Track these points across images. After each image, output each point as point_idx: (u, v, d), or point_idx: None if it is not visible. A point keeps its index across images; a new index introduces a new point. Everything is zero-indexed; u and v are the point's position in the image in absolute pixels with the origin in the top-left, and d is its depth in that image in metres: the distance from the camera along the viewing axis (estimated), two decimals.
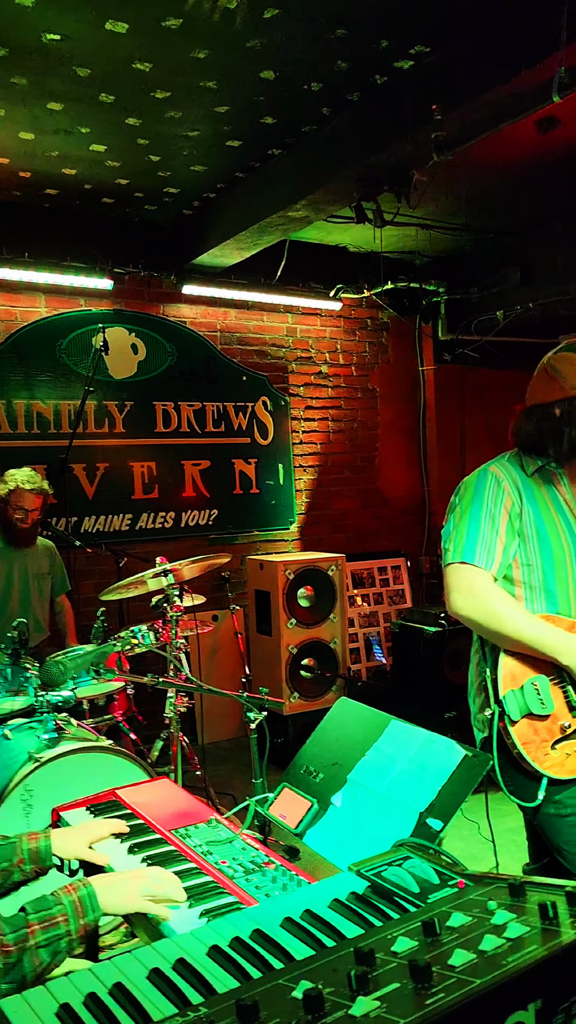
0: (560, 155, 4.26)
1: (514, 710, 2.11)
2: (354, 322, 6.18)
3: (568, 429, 2.20)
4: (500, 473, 2.26)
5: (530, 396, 2.32)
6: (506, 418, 2.38)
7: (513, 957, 0.91)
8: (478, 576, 2.16)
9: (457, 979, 0.87)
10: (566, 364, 2.22)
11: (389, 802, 1.84)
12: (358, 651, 5.88)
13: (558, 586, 2.22)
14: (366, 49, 3.17)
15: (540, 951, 0.91)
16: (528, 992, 0.87)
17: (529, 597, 2.23)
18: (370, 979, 0.89)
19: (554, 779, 2.10)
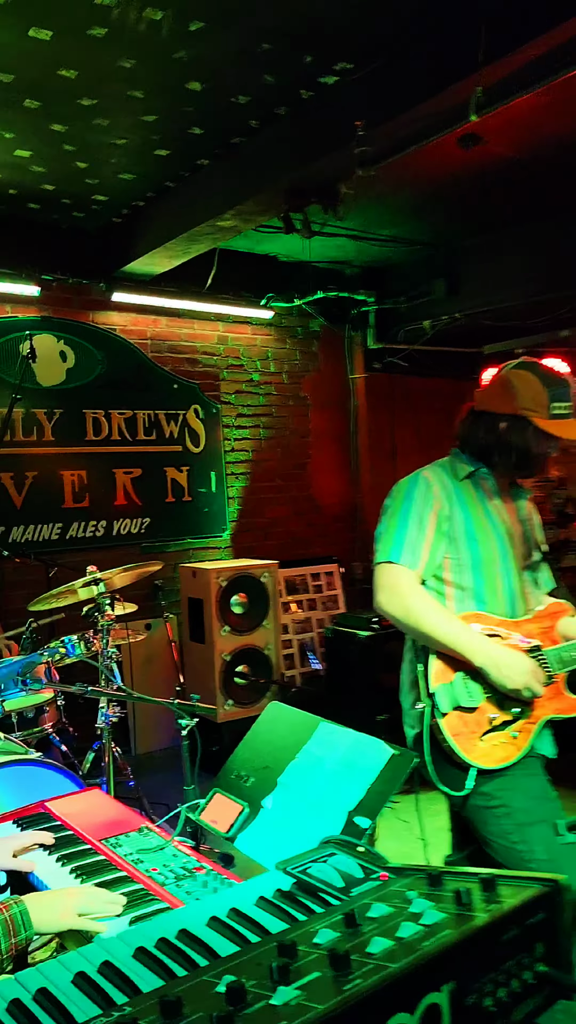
0: (483, 171, 4.39)
1: (444, 703, 2.19)
2: (285, 331, 6.24)
3: (514, 444, 2.30)
4: (431, 478, 2.35)
5: (482, 400, 2.41)
6: (435, 424, 2.46)
7: (428, 942, 0.95)
8: (403, 575, 2.26)
9: (375, 965, 0.90)
10: (523, 383, 2.31)
11: (318, 802, 1.88)
12: (292, 657, 5.92)
13: (486, 586, 2.32)
14: (291, 64, 3.22)
15: (453, 935, 0.95)
16: (442, 974, 0.91)
17: (459, 596, 2.32)
18: (291, 970, 0.92)
19: (482, 769, 2.18)
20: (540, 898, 1.06)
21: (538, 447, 2.30)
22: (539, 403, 2.26)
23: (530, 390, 2.28)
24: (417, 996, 0.89)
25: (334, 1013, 0.82)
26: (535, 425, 2.27)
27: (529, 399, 2.27)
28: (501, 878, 1.10)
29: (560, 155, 4.23)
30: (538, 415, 2.27)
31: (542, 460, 2.35)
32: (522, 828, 2.15)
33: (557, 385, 2.29)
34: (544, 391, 2.26)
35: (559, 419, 2.27)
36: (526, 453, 2.31)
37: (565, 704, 2.31)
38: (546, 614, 2.38)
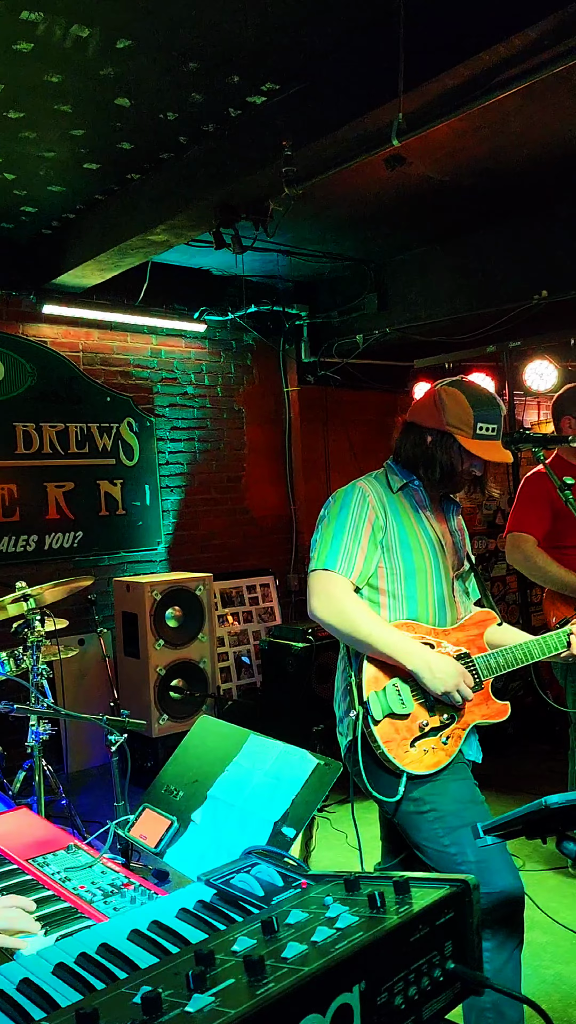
0: (409, 190, 4.51)
1: (377, 710, 2.24)
2: (219, 344, 6.27)
3: (438, 459, 2.37)
4: (367, 489, 2.41)
5: (412, 413, 2.48)
6: (367, 436, 2.52)
7: (340, 945, 0.98)
8: (337, 583, 2.31)
9: (288, 969, 0.93)
10: (452, 400, 2.38)
11: (246, 814, 1.90)
12: (228, 670, 5.93)
13: (418, 594, 2.39)
14: (219, 83, 3.27)
15: (365, 937, 0.99)
16: (353, 975, 0.95)
17: (392, 605, 2.38)
18: (207, 978, 0.94)
19: (413, 775, 2.22)
20: (450, 898, 1.10)
21: (461, 465, 2.37)
22: (465, 422, 2.33)
23: (458, 408, 2.35)
24: (329, 997, 0.92)
25: (246, 1016, 0.85)
26: (459, 443, 2.34)
27: (456, 417, 2.34)
28: (413, 880, 1.15)
29: (480, 178, 4.37)
30: (463, 434, 2.34)
31: (466, 478, 2.42)
32: (453, 831, 2.20)
33: (485, 406, 2.35)
34: (471, 411, 2.33)
35: (483, 440, 2.34)
36: (450, 469, 2.38)
37: (492, 710, 2.39)
38: (473, 623, 2.46)
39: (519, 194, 4.65)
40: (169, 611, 5.01)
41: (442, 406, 2.37)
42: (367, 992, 0.96)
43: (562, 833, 1.59)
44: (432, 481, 2.41)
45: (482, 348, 5.56)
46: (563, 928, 3.33)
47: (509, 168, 4.26)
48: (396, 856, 2.55)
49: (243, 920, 1.15)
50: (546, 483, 3.53)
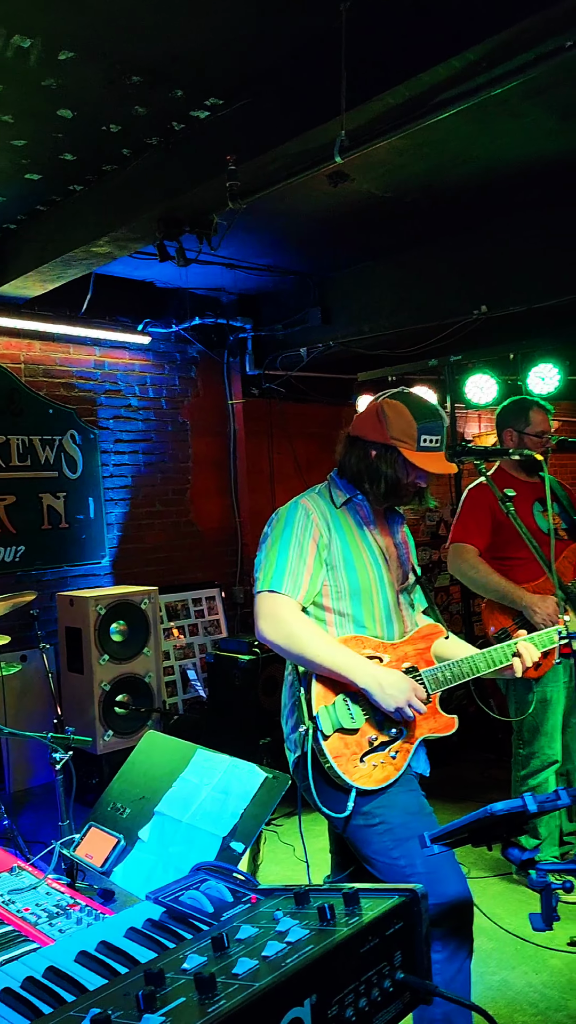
0: (353, 206, 4.57)
1: (326, 725, 2.23)
2: (163, 356, 6.24)
3: (383, 472, 2.37)
4: (310, 506, 2.40)
5: (356, 426, 2.48)
6: (312, 449, 2.53)
7: (291, 959, 0.98)
8: (284, 604, 2.29)
9: (239, 985, 0.93)
10: (394, 412, 2.38)
11: (194, 830, 1.89)
12: (175, 683, 5.87)
13: (364, 611, 2.38)
14: (162, 97, 3.27)
15: (315, 950, 0.99)
16: (304, 989, 0.95)
17: (338, 622, 2.37)
18: (158, 997, 0.93)
19: (362, 790, 2.22)
20: (399, 908, 1.11)
21: (406, 477, 2.39)
22: (408, 435, 2.35)
23: (401, 421, 2.36)
24: (280, 1012, 0.92)
25: None
26: (403, 456, 2.36)
27: (399, 430, 2.36)
28: (363, 892, 1.16)
29: (421, 194, 4.45)
30: (406, 446, 2.35)
31: (411, 490, 2.44)
32: (402, 844, 2.20)
33: (428, 419, 2.37)
34: (414, 423, 2.35)
35: (427, 452, 2.36)
36: (395, 482, 2.39)
37: (440, 723, 2.40)
38: (421, 636, 2.46)
39: (459, 211, 4.74)
40: (114, 625, 4.95)
41: (385, 419, 2.38)
42: (318, 1005, 0.96)
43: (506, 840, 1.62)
44: (378, 495, 2.42)
45: (424, 362, 5.65)
46: (508, 934, 3.38)
47: (449, 186, 4.35)
48: (345, 869, 2.55)
49: (193, 937, 1.14)
50: (488, 495, 3.59)
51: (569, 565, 3.75)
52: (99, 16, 2.74)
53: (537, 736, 3.70)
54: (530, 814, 1.51)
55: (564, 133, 3.79)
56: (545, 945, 3.31)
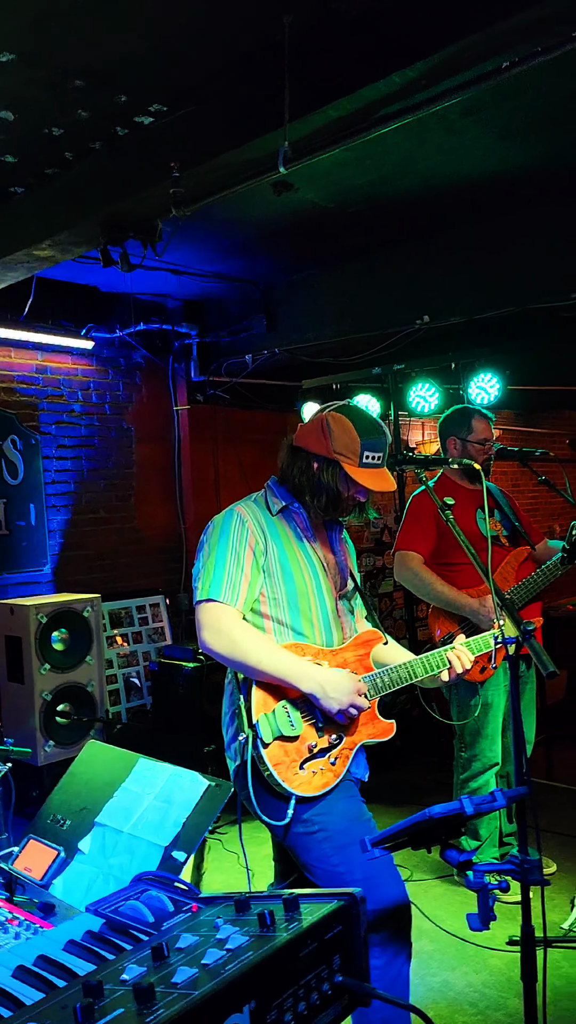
0: (298, 215, 4.60)
1: (266, 733, 2.24)
2: (107, 361, 6.19)
3: (325, 485, 2.39)
4: (245, 513, 2.41)
5: (300, 436, 2.48)
6: (257, 456, 2.53)
7: (230, 966, 0.99)
8: (225, 612, 2.29)
9: (178, 994, 0.93)
10: (339, 427, 2.39)
11: (135, 841, 1.88)
12: (118, 692, 5.82)
13: (302, 617, 2.40)
14: (106, 101, 3.25)
15: (254, 956, 1.00)
16: (243, 995, 0.96)
17: (277, 629, 2.38)
18: (96, 1010, 0.93)
19: (302, 797, 2.23)
20: (338, 912, 1.13)
21: (347, 491, 2.42)
22: (352, 450, 2.37)
23: (345, 436, 2.37)
24: (219, 1019, 0.93)
25: None
26: (345, 471, 2.38)
27: (343, 445, 2.37)
28: (303, 897, 1.17)
29: (365, 206, 4.51)
30: (349, 462, 2.37)
31: (351, 504, 2.47)
32: (341, 850, 2.22)
33: (371, 435, 2.39)
34: (358, 439, 2.36)
35: (369, 468, 2.39)
36: (336, 496, 2.41)
37: (378, 729, 2.43)
38: (360, 642, 2.49)
39: (402, 223, 4.82)
40: (55, 634, 4.88)
41: (330, 433, 2.39)
42: (257, 1011, 0.97)
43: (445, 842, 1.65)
44: (318, 507, 2.43)
45: (368, 370, 5.71)
46: (449, 935, 3.43)
47: (391, 198, 4.42)
48: (288, 877, 2.56)
49: (133, 948, 1.14)
50: (431, 502, 3.65)
51: (511, 571, 3.84)
52: (41, 20, 2.71)
53: (478, 739, 3.77)
54: (467, 816, 1.54)
55: (501, 151, 3.89)
56: (485, 945, 3.37)
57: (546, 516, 10.65)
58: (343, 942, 1.12)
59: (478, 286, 4.85)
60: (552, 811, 4.67)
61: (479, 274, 4.85)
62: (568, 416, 11.40)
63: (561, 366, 7.20)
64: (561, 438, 11.17)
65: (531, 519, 4.18)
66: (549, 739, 5.54)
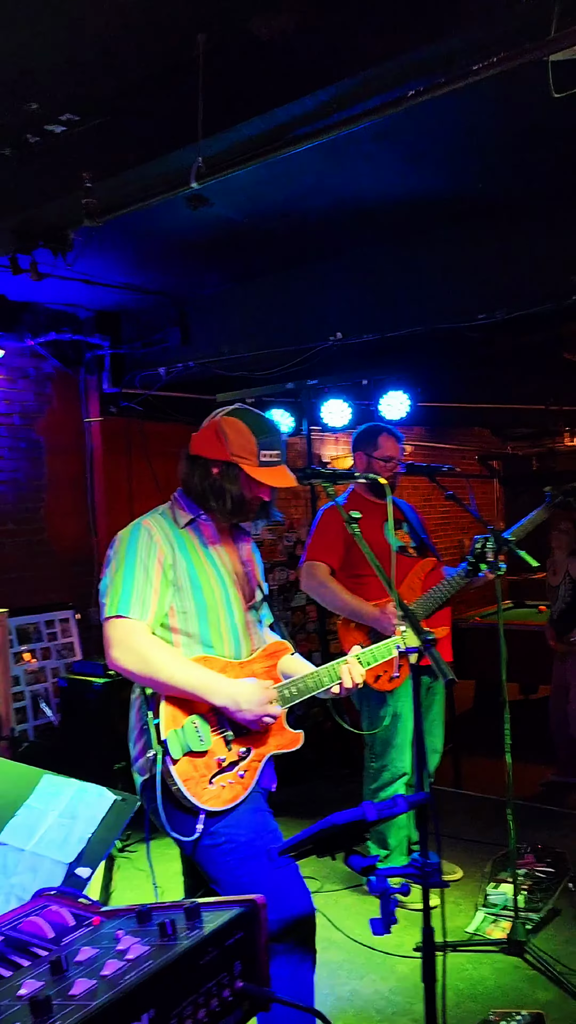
0: (213, 229, 4.62)
1: (176, 749, 2.22)
2: (16, 371, 6.06)
3: (228, 489, 2.39)
4: (153, 527, 2.39)
5: (196, 445, 2.48)
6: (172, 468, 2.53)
7: (129, 975, 0.99)
8: (134, 628, 2.26)
9: (75, 1006, 0.93)
10: (232, 429, 2.41)
11: (38, 859, 1.84)
12: (24, 710, 5.66)
13: (211, 630, 2.39)
14: (16, 109, 3.21)
15: (154, 965, 1.00)
16: (142, 1004, 0.96)
17: (186, 643, 2.37)
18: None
19: (212, 811, 2.22)
20: (239, 919, 1.14)
21: (250, 492, 2.44)
22: (248, 450, 2.39)
23: (240, 438, 2.40)
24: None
25: None
26: (245, 472, 2.40)
27: (239, 446, 2.39)
28: (204, 905, 1.17)
29: (279, 222, 4.57)
30: (248, 462, 2.39)
31: (256, 504, 2.49)
32: (246, 861, 2.23)
33: (266, 433, 2.42)
34: (253, 439, 2.39)
35: (268, 466, 2.41)
36: (240, 499, 2.42)
37: (286, 739, 2.44)
38: (268, 654, 2.50)
39: (316, 240, 4.90)
40: None
41: (224, 437, 2.41)
42: (157, 1019, 0.97)
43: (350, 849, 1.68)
44: (224, 512, 2.43)
45: (282, 385, 5.77)
46: (357, 944, 3.47)
47: (306, 216, 4.49)
48: (196, 892, 2.54)
49: (31, 964, 1.12)
50: (339, 515, 3.72)
51: (419, 581, 3.93)
52: None
53: (388, 749, 3.84)
54: (369, 822, 1.57)
55: (409, 174, 4.01)
56: (393, 952, 3.42)
57: (456, 530, 10.95)
58: (244, 948, 1.13)
59: (389, 305, 4.98)
60: (459, 818, 4.78)
61: (390, 293, 4.98)
62: (477, 432, 11.77)
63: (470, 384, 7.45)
64: (470, 454, 11.52)
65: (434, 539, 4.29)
66: (457, 748, 5.67)
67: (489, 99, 3.27)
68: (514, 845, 3.45)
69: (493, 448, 12.03)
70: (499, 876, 3.95)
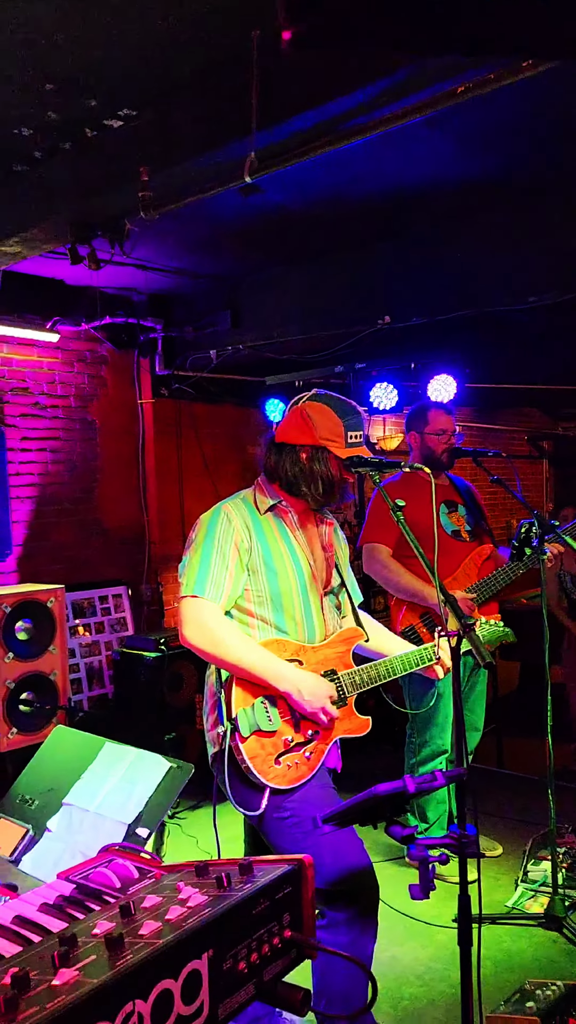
0: (265, 215, 4.70)
1: (244, 727, 2.30)
2: (72, 354, 6.23)
3: (319, 473, 2.47)
4: (232, 512, 2.47)
5: (281, 432, 2.54)
6: (220, 449, 2.62)
7: (191, 920, 1.11)
8: (207, 608, 2.35)
9: (144, 943, 1.05)
10: (319, 414, 2.48)
11: (100, 819, 1.99)
12: (80, 681, 5.89)
13: (284, 615, 2.46)
14: (76, 105, 3.32)
15: (212, 912, 1.12)
16: (201, 945, 1.08)
17: (260, 626, 2.45)
18: (71, 956, 1.04)
19: (276, 789, 2.33)
20: (288, 875, 1.26)
21: (340, 475, 2.50)
22: (336, 433, 2.46)
23: (327, 421, 2.47)
24: (180, 964, 1.05)
25: (107, 983, 0.96)
26: (334, 455, 2.47)
27: (327, 430, 2.46)
28: (257, 863, 1.29)
29: (329, 208, 4.63)
30: (336, 445, 2.45)
31: (345, 487, 2.54)
32: (310, 835, 2.31)
33: (351, 415, 2.49)
34: (340, 422, 2.46)
35: (354, 447, 2.47)
36: (331, 482, 2.49)
37: (354, 724, 2.52)
38: (341, 640, 2.56)
39: (366, 224, 4.94)
40: (19, 623, 4.94)
41: (312, 421, 2.47)
42: (214, 959, 1.09)
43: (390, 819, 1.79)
44: (316, 496, 2.50)
45: (330, 368, 5.84)
46: (398, 913, 3.59)
47: (357, 200, 4.54)
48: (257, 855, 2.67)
49: (102, 908, 1.25)
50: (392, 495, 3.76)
51: (474, 568, 3.99)
52: (11, 24, 2.78)
53: (429, 727, 3.93)
54: (410, 794, 1.68)
55: (460, 158, 4.03)
56: (432, 922, 3.53)
57: (504, 512, 10.91)
58: (292, 901, 1.25)
59: (438, 288, 5.00)
60: (501, 797, 4.87)
61: (440, 277, 5.00)
62: (527, 413, 11.67)
63: (520, 365, 7.41)
64: (520, 434, 11.44)
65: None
66: (500, 728, 5.74)
67: (541, 83, 3.28)
68: (554, 823, 3.53)
69: (543, 428, 11.91)
70: (540, 853, 4.03)
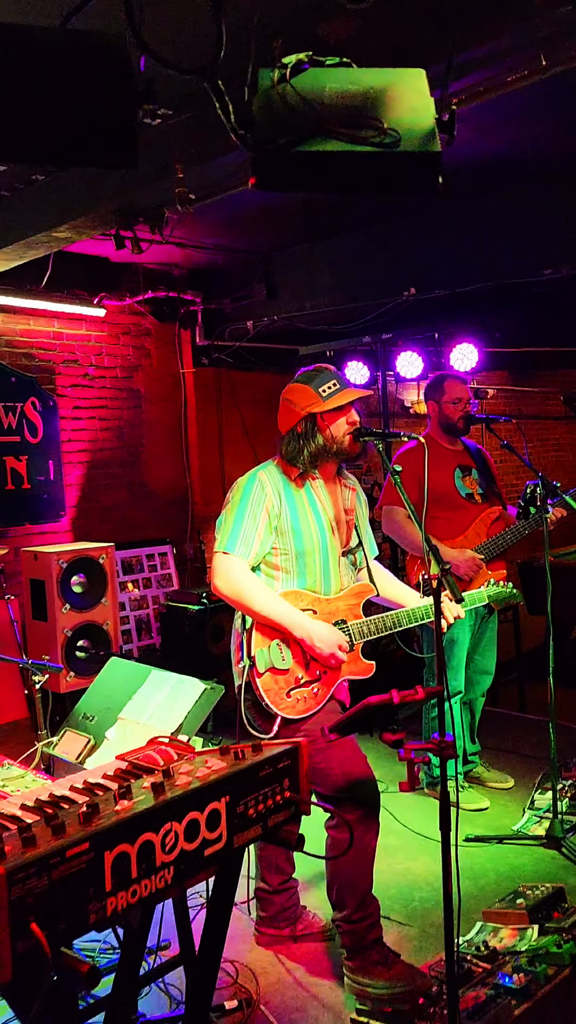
0: (295, 195, 4.98)
1: (261, 664, 2.70)
2: (118, 327, 6.64)
3: (318, 435, 2.82)
4: (265, 478, 2.85)
5: (281, 426, 2.93)
6: (259, 415, 2.97)
7: (214, 776, 1.53)
8: (235, 564, 2.74)
9: (180, 788, 1.47)
10: (292, 393, 2.87)
11: (150, 729, 2.42)
12: (129, 631, 6.40)
13: (306, 570, 2.85)
14: None
15: (229, 770, 1.54)
16: (221, 792, 1.50)
17: (284, 578, 2.84)
18: (130, 791, 1.47)
19: (287, 718, 2.74)
20: (287, 751, 1.67)
21: (336, 430, 2.84)
22: (310, 396, 2.81)
23: (299, 393, 2.84)
24: (204, 803, 1.47)
25: (152, 808, 1.38)
26: (320, 413, 2.82)
27: (302, 399, 2.82)
28: (265, 744, 1.71)
29: None
30: (316, 404, 2.80)
31: (348, 436, 2.85)
32: (321, 751, 2.70)
33: (314, 377, 2.84)
34: (309, 387, 2.82)
35: (333, 395, 2.81)
36: (331, 436, 2.83)
37: (359, 668, 2.90)
38: (353, 593, 2.94)
39: (391, 202, 5.21)
40: (74, 578, 5.43)
41: (290, 402, 2.86)
42: (231, 803, 1.51)
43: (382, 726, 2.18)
44: (329, 455, 2.84)
45: (359, 338, 6.15)
46: (413, 833, 4.02)
47: None
48: None
49: (149, 773, 1.68)
50: (410, 459, 4.03)
51: (484, 527, 4.33)
52: None
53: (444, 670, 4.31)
54: (395, 705, 2.07)
55: (479, 141, 4.29)
56: None
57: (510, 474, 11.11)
58: (291, 771, 1.66)
59: (459, 262, 5.27)
60: (519, 737, 5.25)
61: (460, 251, 5.26)
62: (563, 374, 11.78)
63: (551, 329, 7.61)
64: (555, 395, 11.57)
65: None
66: (522, 677, 6.12)
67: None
68: (555, 755, 3.90)
69: None
70: (546, 785, 4.41)
